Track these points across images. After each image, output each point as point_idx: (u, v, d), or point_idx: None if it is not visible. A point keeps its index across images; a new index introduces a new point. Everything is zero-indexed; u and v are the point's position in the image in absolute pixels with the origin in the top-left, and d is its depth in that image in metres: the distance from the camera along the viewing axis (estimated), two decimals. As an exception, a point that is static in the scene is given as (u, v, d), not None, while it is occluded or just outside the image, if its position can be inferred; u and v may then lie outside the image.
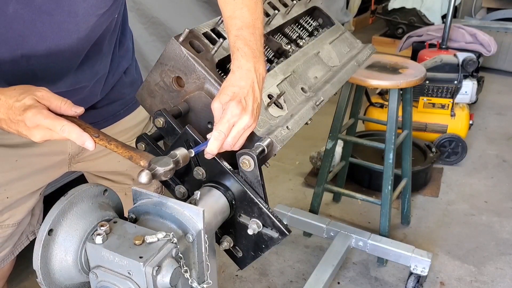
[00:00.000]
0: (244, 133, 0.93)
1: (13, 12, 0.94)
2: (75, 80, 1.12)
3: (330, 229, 2.30)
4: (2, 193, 1.18)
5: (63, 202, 0.82)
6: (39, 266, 0.80)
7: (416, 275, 2.15)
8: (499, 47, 4.36)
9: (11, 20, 0.95)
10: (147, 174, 0.82)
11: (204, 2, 2.83)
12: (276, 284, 2.26)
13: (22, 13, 0.95)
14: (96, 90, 1.20)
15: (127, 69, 1.30)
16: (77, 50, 1.06)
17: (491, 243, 2.54)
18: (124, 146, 0.90)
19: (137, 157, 0.88)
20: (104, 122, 1.28)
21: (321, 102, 1.22)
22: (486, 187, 3.05)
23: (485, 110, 4.13)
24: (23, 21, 0.96)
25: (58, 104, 0.87)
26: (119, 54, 1.25)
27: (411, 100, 2.35)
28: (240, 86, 0.93)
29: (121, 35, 1.25)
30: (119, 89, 1.28)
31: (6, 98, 0.85)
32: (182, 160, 0.89)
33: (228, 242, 1.02)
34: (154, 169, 0.84)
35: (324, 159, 2.41)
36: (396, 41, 5.27)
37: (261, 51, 1.01)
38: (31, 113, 0.83)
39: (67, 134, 0.85)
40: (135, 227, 0.85)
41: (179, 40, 1.02)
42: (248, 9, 1.02)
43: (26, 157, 1.18)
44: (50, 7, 0.96)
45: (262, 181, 0.95)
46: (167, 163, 0.85)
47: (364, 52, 1.58)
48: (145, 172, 0.82)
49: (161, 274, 0.78)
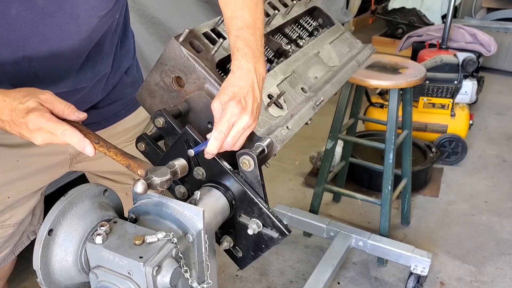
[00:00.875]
0: (244, 133, 0.93)
1: (16, 14, 0.94)
2: (76, 81, 1.12)
3: (330, 229, 2.30)
4: (3, 193, 1.18)
5: (63, 202, 0.82)
6: (39, 266, 0.80)
7: (416, 275, 2.15)
8: (499, 47, 4.36)
9: (13, 22, 0.95)
10: (142, 183, 0.83)
11: (204, 2, 2.83)
12: (276, 284, 2.26)
13: (24, 15, 0.95)
14: (97, 90, 1.21)
15: (128, 69, 1.30)
16: (78, 51, 1.07)
17: (491, 243, 2.54)
18: (123, 154, 0.91)
19: (135, 166, 0.90)
20: (105, 122, 1.28)
21: (321, 102, 1.22)
22: (486, 187, 3.05)
23: (485, 110, 4.13)
24: (25, 23, 0.96)
25: (61, 108, 0.88)
26: (121, 54, 1.25)
27: (411, 100, 2.35)
28: (239, 86, 0.93)
29: (123, 36, 1.25)
30: (120, 89, 1.28)
31: (10, 100, 0.86)
32: (180, 171, 0.91)
33: (228, 242, 1.02)
34: (151, 179, 0.85)
35: (324, 159, 2.41)
36: (396, 41, 5.27)
37: (262, 51, 1.01)
38: (34, 116, 0.83)
39: (68, 138, 0.85)
40: (135, 227, 0.85)
41: (179, 40, 1.02)
42: (249, 10, 1.02)
43: (27, 157, 1.18)
44: (52, 9, 0.97)
45: (262, 181, 0.95)
46: (164, 174, 0.87)
47: (364, 52, 1.58)
48: (141, 182, 0.83)
49: (161, 274, 0.78)
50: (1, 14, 0.93)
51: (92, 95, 1.21)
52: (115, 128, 1.30)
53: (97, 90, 1.21)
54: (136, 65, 1.36)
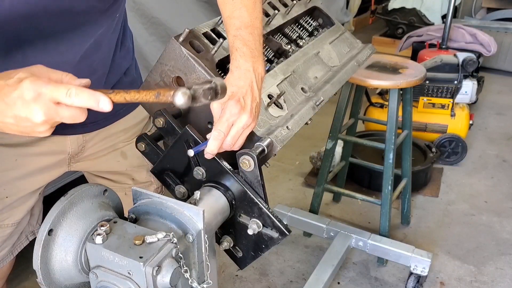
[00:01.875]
0: (244, 133, 0.93)
1: (10, 7, 0.93)
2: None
3: (330, 229, 2.30)
4: (2, 193, 1.17)
5: (63, 202, 0.82)
6: (39, 266, 0.80)
7: (416, 275, 2.15)
8: (499, 47, 4.36)
9: (7, 15, 0.93)
10: (184, 93, 0.67)
11: (204, 2, 2.83)
12: (276, 284, 2.26)
13: (19, 7, 0.94)
14: (94, 89, 1.20)
15: (128, 69, 1.30)
16: (74, 45, 1.05)
17: (491, 243, 2.54)
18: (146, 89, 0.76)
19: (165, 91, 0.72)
20: (104, 121, 1.28)
21: (321, 102, 1.22)
22: (486, 187, 3.05)
23: (485, 110, 4.13)
24: (19, 16, 0.94)
25: (59, 77, 0.77)
26: (120, 55, 1.25)
27: (411, 100, 2.35)
28: (238, 86, 0.93)
29: (122, 36, 1.25)
30: (119, 88, 1.27)
31: None
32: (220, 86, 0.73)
33: (228, 242, 1.02)
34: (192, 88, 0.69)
35: (324, 159, 2.41)
36: (396, 41, 5.27)
37: (260, 50, 1.01)
38: (29, 81, 0.71)
39: (75, 97, 0.72)
40: (135, 227, 0.85)
41: (179, 40, 1.02)
42: (247, 9, 1.02)
43: (25, 156, 1.18)
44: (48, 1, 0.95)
45: (262, 181, 0.95)
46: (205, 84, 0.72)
47: (364, 52, 1.58)
48: (183, 91, 0.67)
49: (161, 274, 0.78)
50: None
51: None
52: (114, 127, 1.30)
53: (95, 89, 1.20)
54: (135, 65, 1.36)
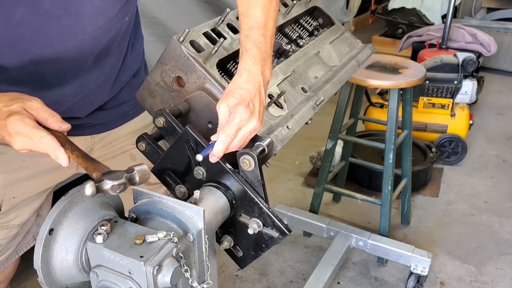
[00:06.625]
0: (250, 136, 0.94)
1: (21, 18, 0.94)
2: (83, 82, 1.12)
3: (330, 229, 2.30)
4: (9, 193, 1.18)
5: (64, 202, 0.82)
6: (39, 266, 0.80)
7: (416, 275, 2.15)
8: (499, 47, 4.36)
9: (19, 26, 0.95)
10: (91, 186, 0.78)
11: (204, 2, 2.83)
12: (276, 284, 2.26)
13: (29, 18, 0.94)
14: (103, 91, 1.20)
15: (137, 72, 1.31)
16: (85, 52, 1.06)
17: (491, 243, 2.54)
18: (84, 157, 0.88)
19: (91, 169, 0.86)
20: (112, 123, 1.28)
21: (321, 102, 1.23)
22: (486, 187, 3.05)
23: (485, 110, 4.13)
24: (31, 27, 0.96)
25: (45, 116, 0.87)
26: (131, 58, 1.25)
27: (411, 100, 2.35)
28: (247, 89, 0.93)
29: (134, 39, 1.25)
30: (128, 91, 1.27)
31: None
32: (139, 177, 0.84)
33: (229, 241, 1.02)
34: (101, 182, 0.80)
35: (324, 159, 2.41)
36: (396, 41, 5.27)
37: (270, 54, 1.01)
38: (13, 119, 0.83)
39: (44, 146, 0.84)
40: (135, 227, 0.85)
41: (180, 40, 1.02)
42: (261, 8, 1.01)
43: (33, 157, 1.18)
44: (58, 12, 0.96)
45: (262, 181, 0.95)
46: (118, 178, 0.81)
47: (364, 52, 1.58)
48: (90, 184, 0.78)
49: (161, 274, 0.78)
50: (6, 18, 0.93)
51: (99, 97, 1.21)
52: (123, 130, 1.30)
53: (104, 91, 1.21)
54: (144, 67, 1.37)
